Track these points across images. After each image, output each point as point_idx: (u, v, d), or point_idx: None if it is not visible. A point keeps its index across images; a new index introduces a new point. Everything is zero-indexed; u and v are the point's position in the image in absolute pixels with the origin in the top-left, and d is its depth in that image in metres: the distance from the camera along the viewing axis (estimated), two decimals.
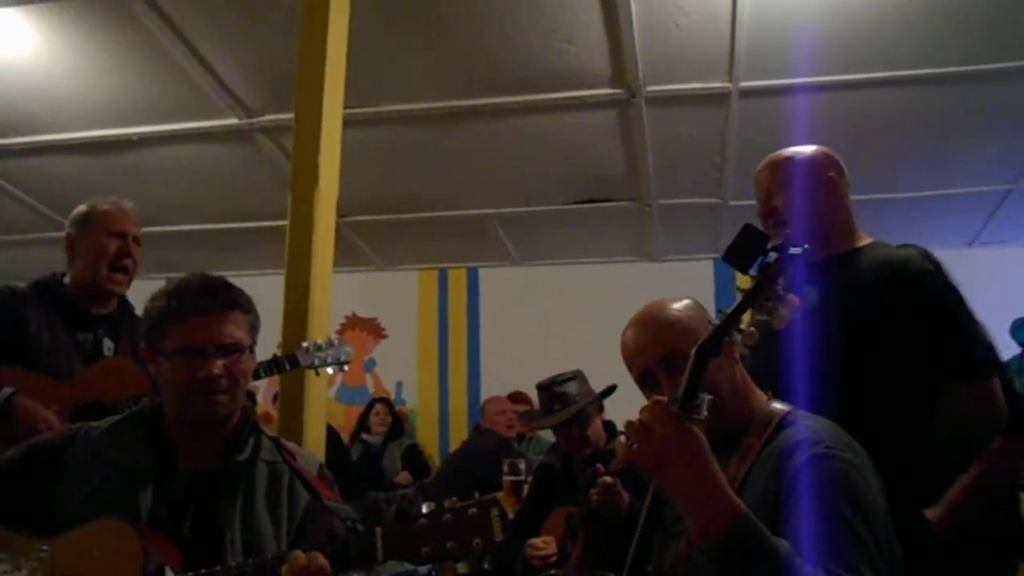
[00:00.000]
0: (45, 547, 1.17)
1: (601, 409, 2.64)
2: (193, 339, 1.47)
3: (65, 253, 2.24)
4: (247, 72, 3.73)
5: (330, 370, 2.24)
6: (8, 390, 1.93)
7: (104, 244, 2.18)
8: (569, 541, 2.43)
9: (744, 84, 3.64)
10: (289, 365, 2.18)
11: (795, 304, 1.11)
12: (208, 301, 1.50)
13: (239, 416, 1.57)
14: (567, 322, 5.67)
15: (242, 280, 1.66)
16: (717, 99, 3.78)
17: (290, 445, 1.63)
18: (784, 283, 1.11)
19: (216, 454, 1.53)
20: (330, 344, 2.24)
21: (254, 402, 4.96)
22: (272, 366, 2.16)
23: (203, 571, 1.30)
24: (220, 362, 1.47)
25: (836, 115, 3.75)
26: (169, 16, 3.33)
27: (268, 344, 1.65)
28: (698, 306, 1.42)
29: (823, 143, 1.96)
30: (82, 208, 2.26)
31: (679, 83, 3.69)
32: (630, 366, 1.41)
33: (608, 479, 2.21)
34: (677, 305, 1.41)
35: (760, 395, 1.37)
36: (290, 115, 3.24)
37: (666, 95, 3.74)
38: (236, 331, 1.51)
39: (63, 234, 2.25)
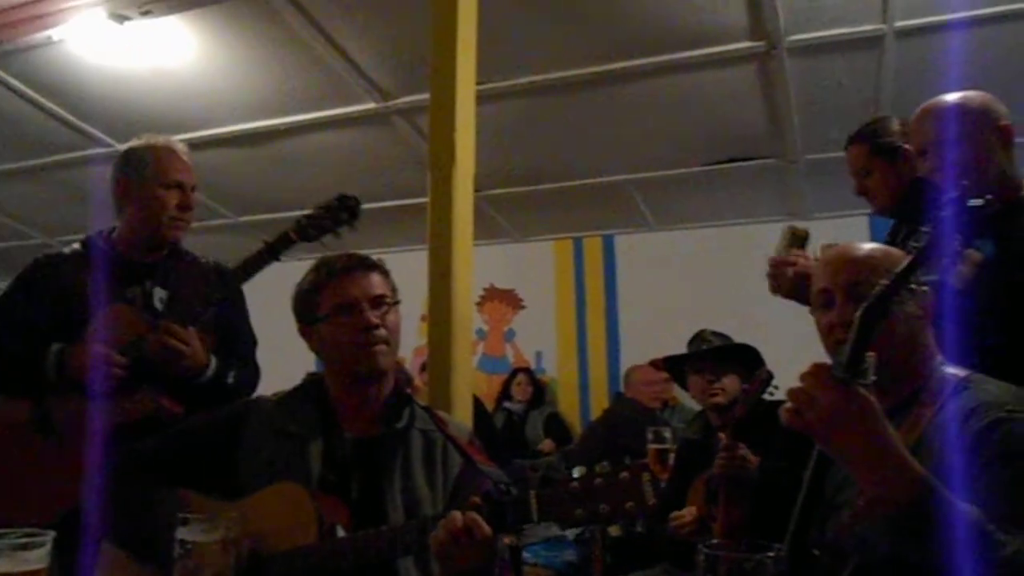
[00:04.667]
0: (236, 511, 1.27)
1: (745, 374, 2.59)
2: (345, 296, 1.58)
3: (113, 198, 2.10)
4: (381, 57, 3.82)
5: (341, 230, 1.95)
6: (57, 346, 1.90)
7: (163, 198, 2.03)
8: (711, 505, 2.43)
9: (900, 24, 3.37)
10: (282, 246, 1.94)
11: (976, 260, 1.03)
12: (352, 262, 1.62)
13: (393, 386, 1.65)
14: (708, 286, 5.52)
15: (385, 256, 1.74)
16: (869, 43, 3.51)
17: (441, 414, 1.69)
18: (962, 238, 1.02)
19: (375, 422, 1.61)
20: (326, 210, 1.95)
21: (408, 377, 5.15)
22: (265, 253, 1.93)
23: (371, 530, 1.38)
24: (375, 312, 1.57)
25: (999, 51, 3.42)
26: (308, 11, 3.46)
27: (411, 319, 1.71)
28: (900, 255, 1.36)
29: (986, 82, 1.81)
30: (132, 150, 2.11)
31: (825, 30, 3.46)
32: (815, 278, 1.39)
33: (728, 442, 2.25)
34: (878, 245, 1.38)
35: (935, 359, 1.29)
36: (423, 96, 3.32)
37: (810, 43, 3.52)
38: (381, 287, 1.62)
39: (224, 221, 2.27)
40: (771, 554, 0.89)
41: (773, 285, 2.07)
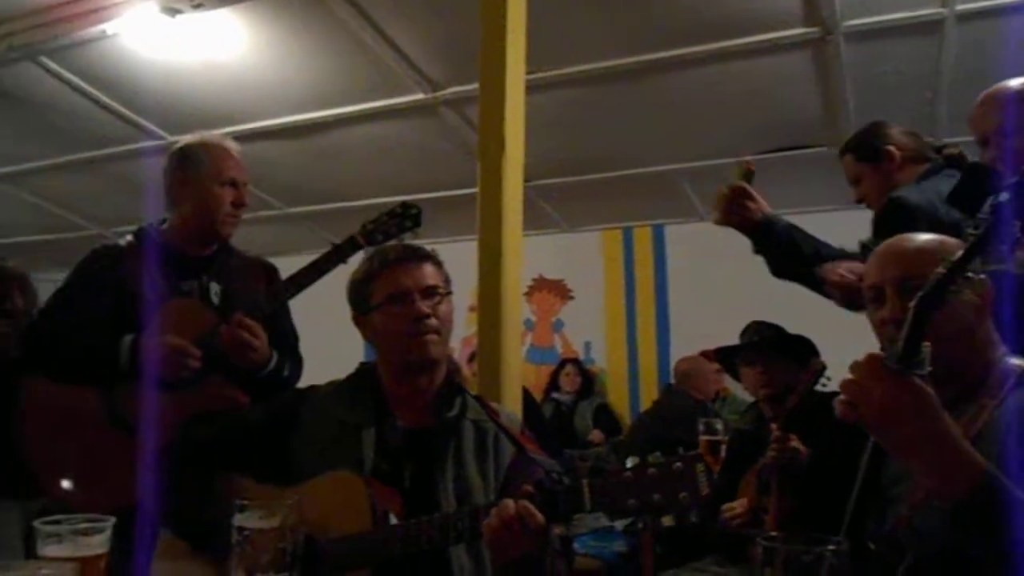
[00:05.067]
0: (295, 496, 1.29)
1: (799, 366, 2.55)
2: (397, 285, 1.61)
3: (167, 193, 2.15)
4: (430, 48, 3.84)
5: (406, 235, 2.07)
6: (129, 337, 1.94)
7: (218, 194, 2.08)
8: (763, 497, 2.41)
9: (961, 7, 3.28)
10: (350, 249, 2.03)
11: None
12: (405, 252, 1.66)
13: (445, 375, 1.67)
14: (759, 277, 5.40)
15: (435, 246, 1.75)
16: (929, 27, 3.42)
17: (493, 404, 1.70)
18: (1021, 225, 0.99)
19: (427, 412, 1.63)
20: (391, 216, 2.08)
21: (456, 367, 5.18)
22: (332, 256, 2.02)
23: (423, 518, 1.39)
24: (426, 302, 1.59)
25: None
26: (358, 3, 3.50)
27: (460, 309, 1.73)
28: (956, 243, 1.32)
29: None
30: (187, 147, 2.15)
31: (882, 14, 3.38)
32: (866, 274, 1.38)
33: (779, 433, 2.24)
34: (931, 236, 1.35)
35: (997, 349, 1.25)
36: (472, 86, 3.32)
37: (867, 29, 3.44)
38: (434, 277, 1.65)
39: (273, 212, 2.31)
40: (831, 547, 0.88)
41: (717, 216, 2.15)
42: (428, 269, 1.65)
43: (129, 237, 2.17)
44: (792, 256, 1.97)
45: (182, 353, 1.92)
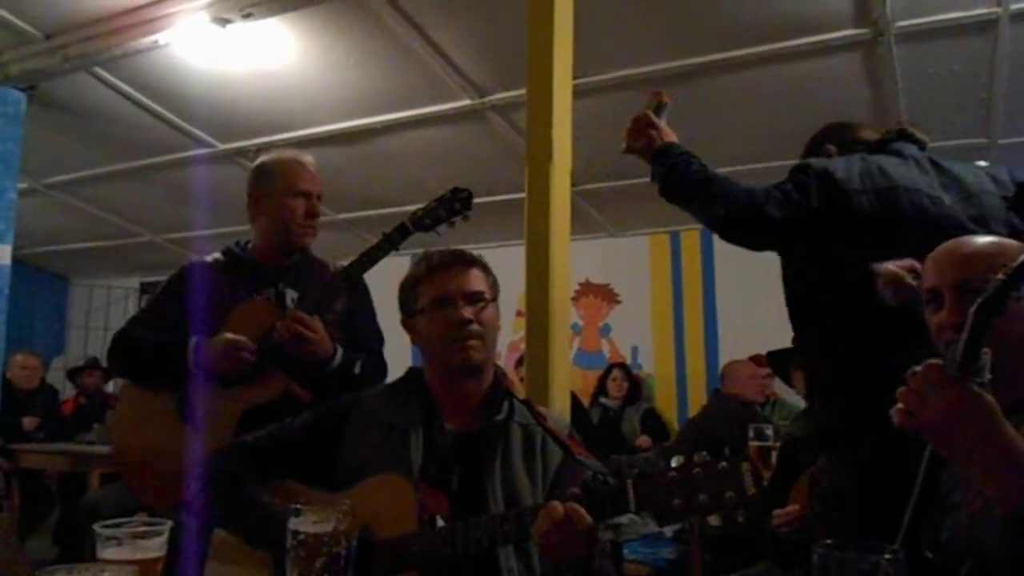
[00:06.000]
0: (348, 501, 1.31)
1: None
2: (442, 289, 1.62)
3: (248, 210, 2.24)
4: (477, 54, 3.88)
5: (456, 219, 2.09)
6: (195, 339, 2.05)
7: (290, 206, 2.16)
8: (816, 502, 2.37)
9: (1015, 7, 3.22)
10: (399, 236, 2.07)
11: None
12: (451, 257, 1.66)
13: (492, 379, 1.68)
14: None
15: (483, 251, 1.77)
16: (982, 27, 3.37)
17: (540, 408, 1.70)
18: None
19: (475, 415, 1.64)
20: (440, 201, 2.09)
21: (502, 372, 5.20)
22: (384, 243, 2.06)
23: (470, 520, 1.40)
24: (469, 308, 1.60)
25: None
26: (405, 10, 3.55)
27: (507, 313, 1.75)
28: (1016, 247, 1.29)
29: None
30: (262, 164, 2.24)
31: (935, 14, 3.33)
32: (924, 276, 1.37)
33: None
34: (990, 238, 1.34)
35: None
36: (519, 92, 3.35)
37: (920, 29, 3.40)
38: (479, 283, 1.65)
39: (323, 219, 2.35)
40: (887, 556, 0.86)
41: (626, 144, 2.16)
42: (474, 274, 1.66)
43: (217, 255, 2.27)
44: (680, 178, 1.98)
45: (237, 347, 2.00)
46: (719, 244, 5.97)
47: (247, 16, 3.54)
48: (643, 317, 6.25)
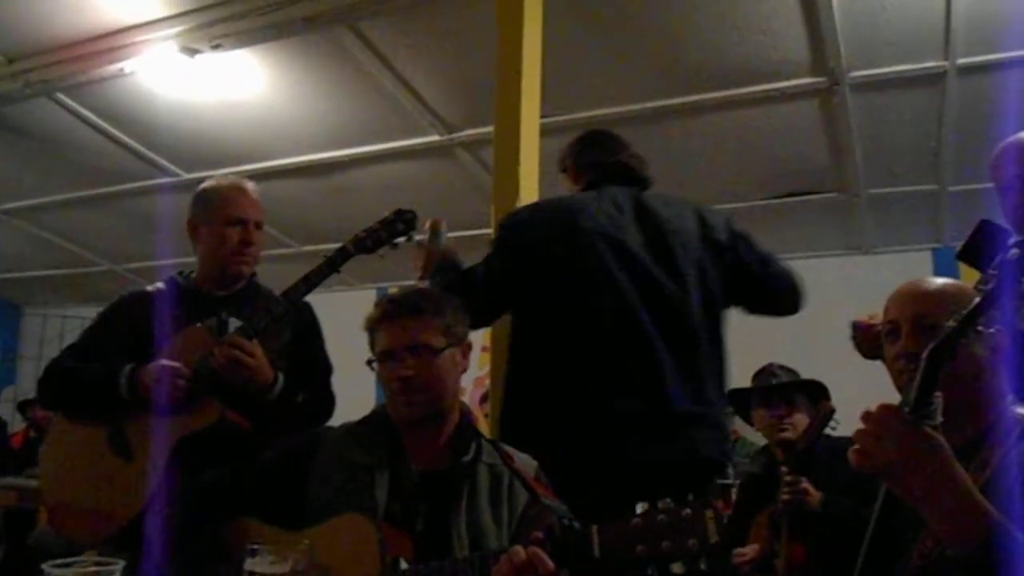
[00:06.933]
0: (306, 540, 1.30)
1: (813, 410, 2.56)
2: (386, 343, 1.61)
3: (189, 237, 2.18)
4: (447, 90, 3.92)
5: (400, 240, 2.07)
6: (128, 366, 1.96)
7: (224, 234, 2.09)
8: (774, 541, 2.40)
9: (962, 61, 3.37)
10: (340, 258, 2.03)
11: None
12: (399, 308, 1.63)
13: (459, 419, 1.67)
14: (772, 320, 5.43)
15: None
16: (932, 79, 3.52)
17: (508, 448, 1.69)
18: None
19: (442, 455, 1.62)
20: (383, 223, 2.06)
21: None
22: (325, 266, 2.02)
23: (433, 563, 1.39)
24: (411, 363, 1.58)
25: None
26: (376, 45, 3.57)
27: (473, 349, 1.75)
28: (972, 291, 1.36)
29: None
30: (201, 191, 2.17)
31: (887, 66, 3.47)
32: (885, 310, 1.42)
33: (791, 477, 2.25)
34: (951, 281, 1.40)
35: (1005, 399, 1.27)
36: (487, 129, 3.38)
37: (873, 80, 3.54)
38: (425, 334, 1.61)
39: (287, 250, 2.32)
40: None
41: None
42: (423, 324, 1.62)
43: (159, 284, 2.20)
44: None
45: (171, 374, 1.91)
46: None
47: (216, 47, 3.54)
48: None
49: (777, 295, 2.24)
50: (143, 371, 1.94)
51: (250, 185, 2.18)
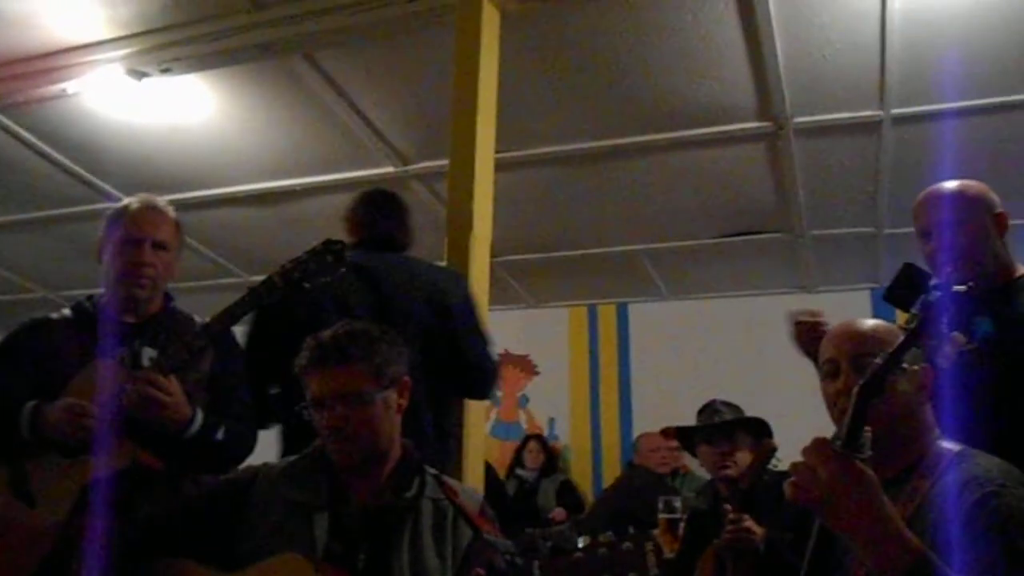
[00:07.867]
0: None
1: (756, 446, 2.60)
2: (314, 391, 1.59)
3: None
4: (402, 122, 3.90)
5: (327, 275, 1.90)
6: (31, 404, 1.80)
7: (119, 254, 1.95)
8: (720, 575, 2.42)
9: (896, 111, 3.53)
10: (265, 291, 1.89)
11: (960, 343, 1.08)
12: (326, 354, 1.58)
13: (401, 454, 1.65)
14: (719, 356, 5.54)
15: None
16: (868, 128, 3.67)
17: (452, 482, 1.68)
18: (948, 321, 1.08)
19: (383, 491, 1.60)
20: (312, 254, 1.91)
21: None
22: (248, 299, 1.89)
23: None
24: (341, 411, 1.55)
25: (990, 138, 3.58)
26: (330, 75, 3.53)
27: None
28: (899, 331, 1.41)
29: (978, 167, 1.94)
30: (109, 212, 2.03)
31: (828, 113, 3.60)
32: (821, 350, 1.47)
33: (734, 514, 2.26)
34: (882, 323, 1.46)
35: (932, 433, 1.32)
36: (442, 162, 3.40)
37: (815, 126, 3.67)
38: (353, 381, 1.57)
39: (235, 280, 2.22)
40: None
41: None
42: (352, 372, 1.57)
43: (66, 311, 2.04)
44: None
45: (77, 412, 1.75)
46: (635, 319, 6.16)
47: (165, 71, 3.42)
48: (561, 388, 6.28)
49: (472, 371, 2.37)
50: (48, 409, 1.78)
51: (156, 202, 2.04)
